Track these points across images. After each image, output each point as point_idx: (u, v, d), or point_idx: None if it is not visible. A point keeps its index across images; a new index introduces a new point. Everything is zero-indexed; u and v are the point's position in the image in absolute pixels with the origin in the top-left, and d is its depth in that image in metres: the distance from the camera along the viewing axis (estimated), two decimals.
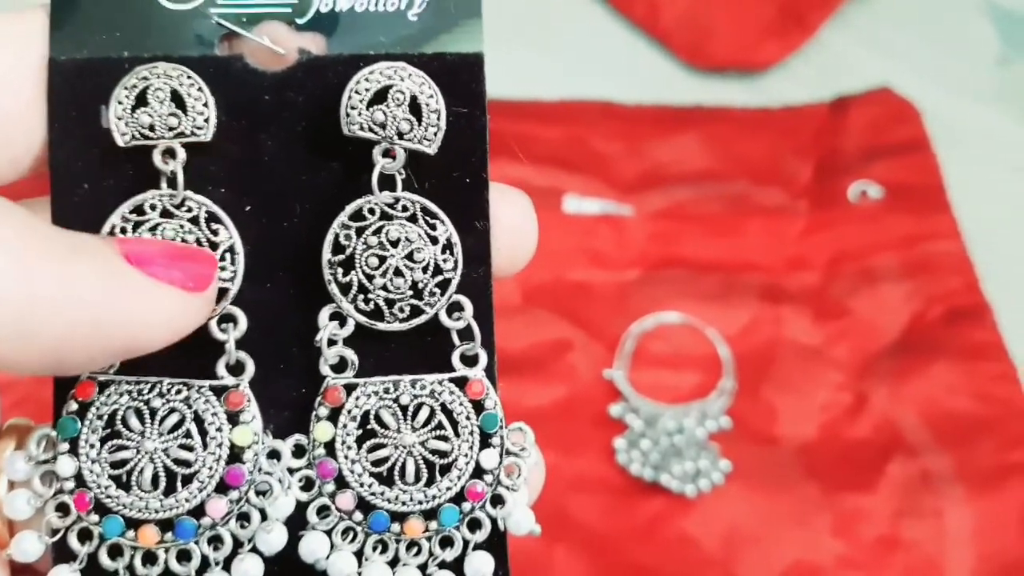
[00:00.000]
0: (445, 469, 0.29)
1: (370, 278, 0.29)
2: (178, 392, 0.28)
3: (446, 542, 0.30)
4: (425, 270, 0.29)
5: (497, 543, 0.30)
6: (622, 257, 0.72)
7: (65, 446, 0.28)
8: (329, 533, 0.29)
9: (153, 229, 0.29)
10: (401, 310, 0.29)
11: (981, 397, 0.66)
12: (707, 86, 0.83)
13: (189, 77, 0.29)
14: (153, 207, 0.29)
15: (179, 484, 0.28)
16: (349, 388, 0.29)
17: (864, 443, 0.65)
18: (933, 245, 0.72)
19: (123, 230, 0.28)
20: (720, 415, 0.66)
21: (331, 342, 0.29)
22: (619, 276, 0.71)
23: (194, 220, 0.29)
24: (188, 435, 0.28)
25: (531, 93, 0.77)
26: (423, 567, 0.29)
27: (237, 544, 0.28)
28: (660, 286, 0.71)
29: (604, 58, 0.84)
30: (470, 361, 0.30)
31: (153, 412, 0.28)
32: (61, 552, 0.28)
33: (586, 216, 0.73)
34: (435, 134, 0.29)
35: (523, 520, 0.30)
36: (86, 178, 0.29)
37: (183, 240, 0.28)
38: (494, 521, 0.30)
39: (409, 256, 0.29)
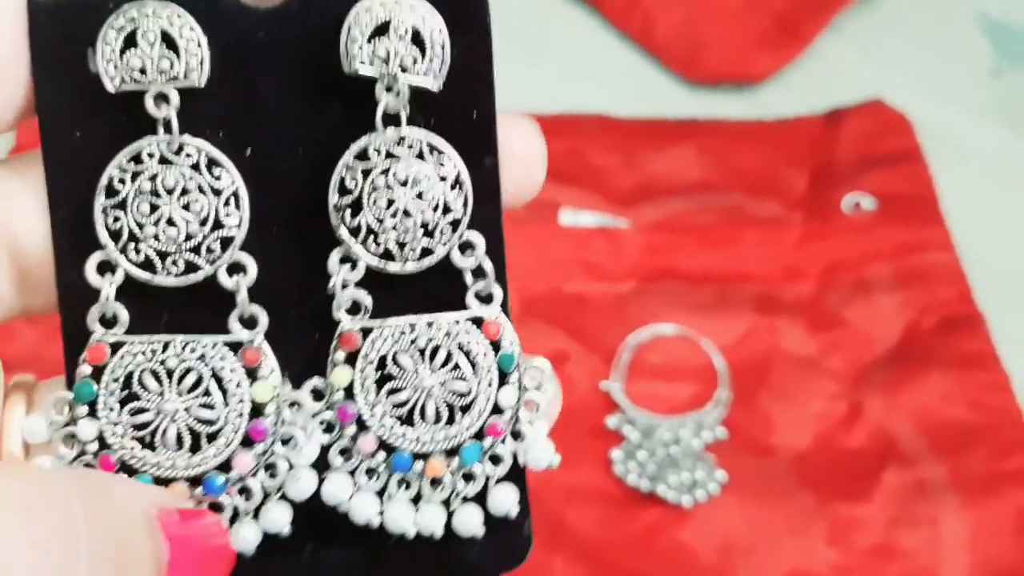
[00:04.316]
0: (465, 409, 0.29)
1: (380, 220, 0.28)
2: (192, 350, 0.28)
3: (468, 477, 0.30)
4: (435, 209, 0.28)
5: (517, 477, 0.30)
6: (618, 269, 0.72)
7: (84, 409, 0.28)
8: (352, 474, 0.29)
9: (153, 178, 0.28)
10: (412, 251, 0.29)
11: (975, 406, 0.66)
12: (702, 99, 0.84)
13: (180, 16, 0.27)
14: (151, 155, 0.28)
15: (204, 442, 0.28)
16: (364, 332, 0.29)
17: (859, 452, 0.65)
18: (926, 256, 0.72)
19: (121, 180, 0.28)
20: (716, 426, 0.67)
21: (343, 286, 0.29)
22: (615, 288, 0.71)
23: (195, 166, 0.28)
24: (208, 393, 0.28)
25: (526, 106, 0.77)
26: (446, 503, 0.29)
27: (266, 494, 0.28)
28: (656, 298, 0.71)
29: (599, 71, 0.85)
30: (484, 300, 0.30)
31: (170, 372, 0.28)
32: None
33: (582, 228, 0.73)
34: (439, 68, 0.28)
35: (542, 454, 0.30)
36: (77, 125, 0.28)
37: (185, 188, 0.27)
38: (514, 455, 0.30)
39: (418, 195, 0.28)
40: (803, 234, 0.74)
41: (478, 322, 0.29)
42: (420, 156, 0.29)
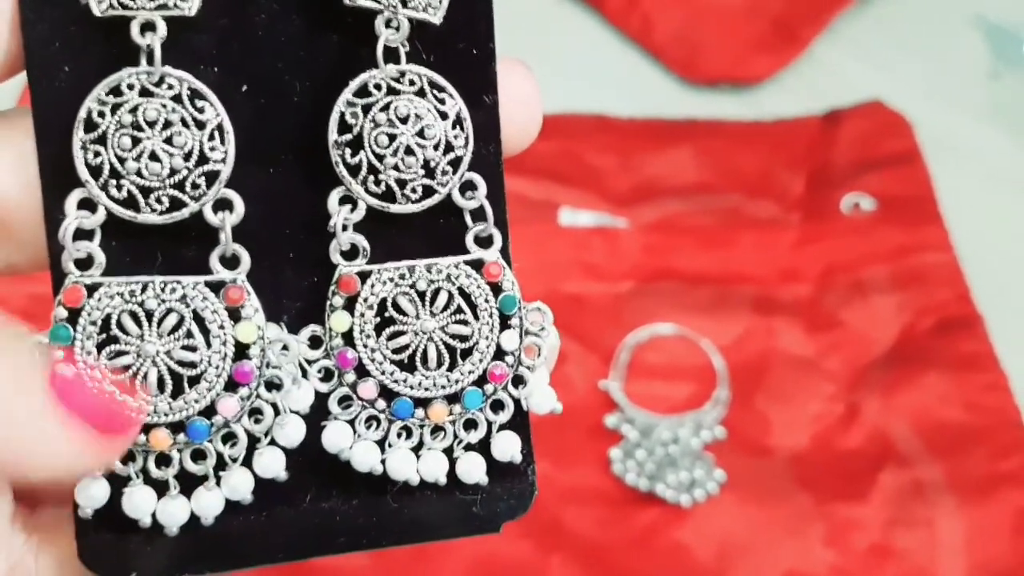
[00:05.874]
0: (466, 353, 0.29)
1: (380, 158, 0.27)
2: (172, 291, 0.27)
3: (470, 424, 0.29)
4: (436, 147, 0.28)
5: (520, 423, 0.30)
6: (616, 269, 0.72)
7: (60, 354, 0.26)
8: (352, 423, 0.29)
9: (134, 110, 0.26)
10: (413, 190, 0.28)
11: (972, 407, 0.66)
12: (700, 100, 0.84)
13: None
14: (131, 86, 0.26)
15: (186, 385, 0.27)
16: (363, 275, 0.28)
17: (856, 453, 0.66)
18: (924, 256, 0.72)
19: (100, 114, 0.26)
20: (714, 425, 0.67)
21: (343, 227, 0.28)
22: (613, 288, 0.72)
23: (176, 98, 0.26)
24: (190, 335, 0.27)
25: None
26: (448, 451, 0.29)
27: (253, 440, 0.28)
28: (654, 298, 0.71)
29: (598, 72, 0.85)
30: (484, 242, 0.29)
31: (149, 314, 0.27)
32: None
33: (580, 229, 0.74)
34: (440, 1, 0.27)
35: (544, 399, 0.30)
36: (65, 60, 0.27)
37: (167, 121, 0.26)
38: (516, 402, 0.29)
39: (420, 133, 0.27)
40: (800, 235, 0.75)
41: (478, 265, 0.29)
42: (421, 93, 0.28)
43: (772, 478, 0.65)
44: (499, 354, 0.29)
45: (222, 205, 0.27)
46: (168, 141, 0.26)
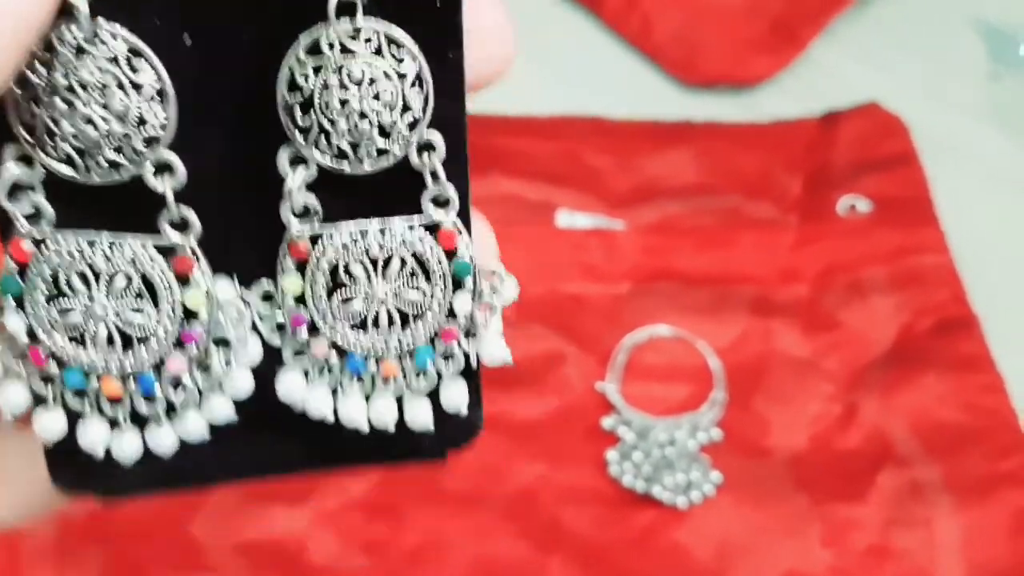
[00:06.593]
0: (418, 317, 0.28)
1: (332, 122, 0.26)
2: (121, 251, 0.26)
3: (420, 374, 0.29)
4: (392, 109, 0.26)
5: (470, 373, 0.29)
6: (614, 270, 0.72)
7: (11, 302, 0.26)
8: (305, 372, 0.28)
9: (67, 72, 0.24)
10: (368, 153, 0.26)
11: (969, 408, 0.66)
12: (698, 101, 0.84)
13: None
14: (61, 40, 0.24)
15: (135, 344, 0.27)
16: (314, 238, 0.27)
17: (854, 454, 0.66)
18: (921, 258, 0.72)
19: (33, 70, 0.24)
20: (711, 427, 0.67)
21: (297, 188, 0.27)
22: (611, 289, 0.72)
23: (113, 60, 0.25)
24: (140, 296, 0.26)
25: (523, 109, 0.78)
26: (398, 399, 0.29)
27: (201, 392, 0.28)
28: (652, 299, 0.71)
29: (596, 73, 0.85)
30: (441, 204, 0.28)
31: (97, 274, 0.26)
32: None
33: (578, 230, 0.74)
34: None
35: (496, 350, 0.29)
36: None
37: (102, 85, 0.25)
38: (466, 356, 0.29)
39: (375, 96, 0.26)
40: (799, 236, 0.75)
41: (433, 228, 0.28)
42: (378, 51, 0.26)
43: (770, 479, 0.65)
44: (451, 316, 0.28)
45: (163, 168, 0.26)
46: (104, 106, 0.25)
